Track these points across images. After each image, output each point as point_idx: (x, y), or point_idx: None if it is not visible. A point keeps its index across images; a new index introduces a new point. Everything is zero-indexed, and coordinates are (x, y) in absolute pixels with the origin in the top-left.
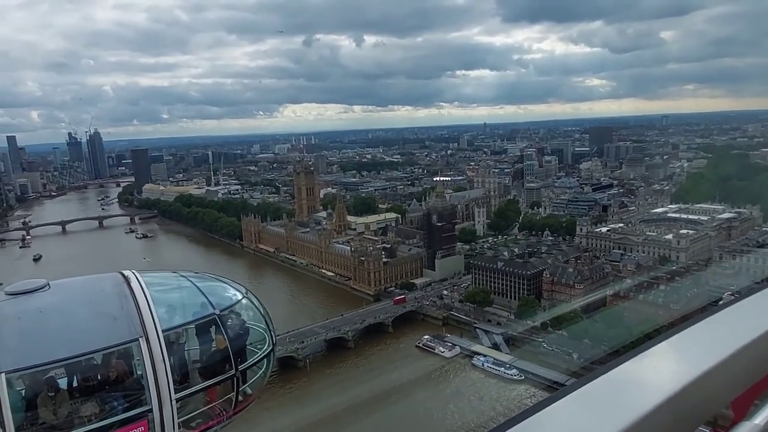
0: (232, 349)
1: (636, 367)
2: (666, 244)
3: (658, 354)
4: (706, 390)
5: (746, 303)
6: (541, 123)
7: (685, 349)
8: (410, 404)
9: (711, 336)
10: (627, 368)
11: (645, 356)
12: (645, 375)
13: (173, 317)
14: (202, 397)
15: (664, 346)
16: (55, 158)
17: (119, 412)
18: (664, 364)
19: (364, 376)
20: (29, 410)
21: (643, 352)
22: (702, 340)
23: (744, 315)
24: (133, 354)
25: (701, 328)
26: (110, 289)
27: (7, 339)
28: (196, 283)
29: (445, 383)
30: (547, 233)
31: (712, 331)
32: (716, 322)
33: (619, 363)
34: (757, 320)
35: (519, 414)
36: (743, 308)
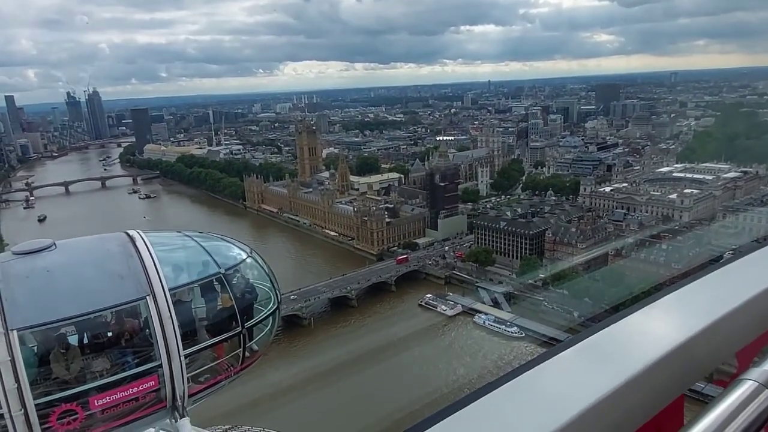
0: (237, 307)
1: (639, 321)
2: (670, 204)
3: (662, 307)
4: (711, 342)
5: (751, 258)
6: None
7: (689, 303)
8: (413, 359)
9: (716, 290)
10: (630, 321)
11: (648, 310)
12: (648, 328)
13: (179, 276)
14: (210, 354)
15: (669, 300)
16: (55, 118)
17: (129, 368)
18: (668, 317)
19: (368, 334)
20: (42, 366)
21: (647, 305)
22: (706, 294)
23: (748, 270)
24: (141, 312)
25: (706, 282)
26: (116, 248)
27: (16, 297)
28: (200, 242)
29: (447, 340)
30: (551, 193)
31: (717, 285)
32: (721, 277)
33: (623, 317)
34: (761, 274)
35: (522, 365)
36: (747, 263)
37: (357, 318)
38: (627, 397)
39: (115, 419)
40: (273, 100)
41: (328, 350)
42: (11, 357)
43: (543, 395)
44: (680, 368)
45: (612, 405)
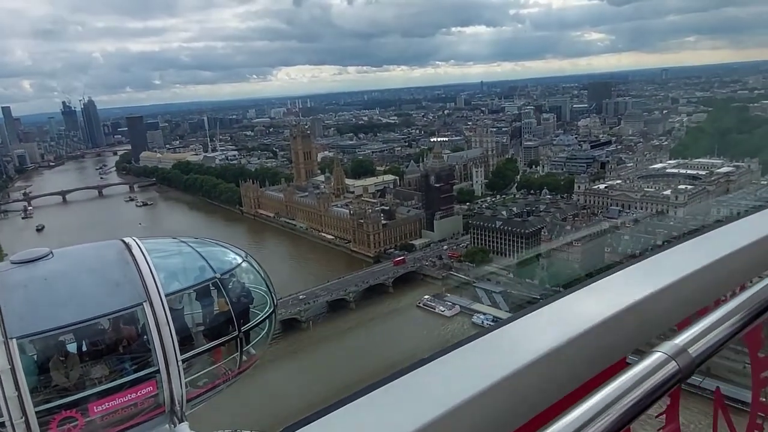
0: (234, 311)
1: (582, 296)
2: (664, 200)
3: (603, 286)
4: (643, 317)
5: (697, 241)
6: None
7: (627, 282)
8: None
9: (656, 269)
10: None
11: (591, 288)
12: (587, 303)
13: (175, 281)
14: (207, 358)
15: (609, 280)
16: (51, 128)
17: (128, 374)
18: (605, 294)
19: (366, 336)
20: (42, 373)
21: (591, 284)
22: (644, 274)
23: (693, 249)
24: (138, 318)
25: (648, 263)
26: (112, 256)
27: (15, 306)
28: (196, 248)
29: (445, 340)
30: (546, 191)
31: (656, 264)
32: (662, 258)
33: (567, 294)
34: (702, 255)
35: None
36: (692, 245)
37: (355, 320)
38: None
39: (114, 425)
40: (267, 106)
41: (326, 353)
42: (11, 365)
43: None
44: (608, 341)
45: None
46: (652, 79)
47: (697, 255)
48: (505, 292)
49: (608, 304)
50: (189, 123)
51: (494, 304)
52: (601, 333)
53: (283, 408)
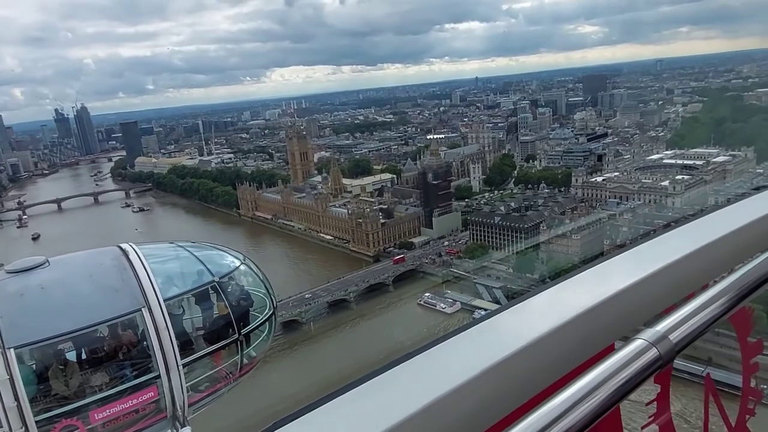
0: (233, 314)
1: (571, 285)
2: (662, 191)
3: (591, 275)
4: (630, 303)
5: (684, 228)
6: (533, 74)
7: (615, 270)
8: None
9: (643, 256)
10: (564, 286)
11: (580, 277)
12: (576, 292)
13: (173, 286)
14: (208, 362)
15: (598, 268)
16: (44, 136)
17: (128, 380)
18: (593, 282)
19: (367, 335)
20: (41, 382)
21: (579, 274)
22: (632, 262)
23: (678, 238)
24: (137, 324)
25: (636, 251)
26: (109, 262)
27: (12, 316)
28: (193, 252)
29: None
30: (543, 186)
31: (644, 252)
32: (650, 245)
33: (556, 283)
34: (689, 242)
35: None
36: (679, 233)
37: (356, 320)
38: (558, 341)
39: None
40: (262, 107)
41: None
42: (9, 375)
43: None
44: (591, 330)
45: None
46: (647, 70)
47: (684, 242)
48: (505, 287)
49: (596, 292)
50: (183, 127)
51: (495, 300)
52: (589, 320)
53: None
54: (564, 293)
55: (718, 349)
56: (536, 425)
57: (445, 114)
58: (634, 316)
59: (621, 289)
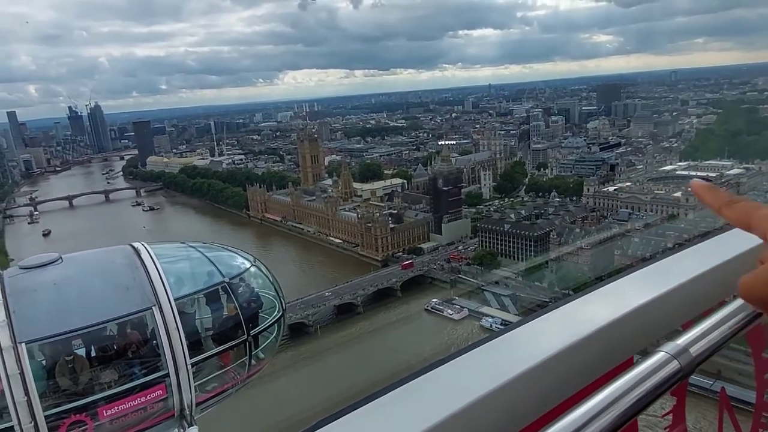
0: (243, 315)
1: (591, 300)
2: (674, 202)
3: (611, 290)
4: (649, 318)
5: (704, 244)
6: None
7: (635, 285)
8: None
9: (663, 272)
10: (584, 300)
11: (599, 292)
12: (596, 306)
13: (184, 286)
14: (216, 362)
15: (617, 284)
16: (57, 133)
17: (137, 378)
18: (613, 297)
19: (374, 340)
20: (51, 378)
21: (599, 288)
22: (652, 277)
23: (697, 254)
24: (147, 322)
25: (655, 267)
26: (121, 260)
27: (24, 311)
28: (204, 252)
29: (452, 342)
30: (554, 194)
31: (664, 268)
32: (669, 261)
33: (576, 297)
34: (708, 258)
35: (495, 332)
36: (699, 249)
37: (363, 324)
38: (577, 355)
39: (124, 429)
40: (274, 109)
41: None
42: (20, 370)
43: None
44: (611, 344)
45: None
46: (662, 80)
47: (703, 258)
48: (513, 296)
49: (616, 307)
50: (196, 127)
51: (503, 308)
52: (608, 334)
53: None
54: (583, 308)
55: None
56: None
57: (457, 120)
58: (652, 331)
59: (639, 305)
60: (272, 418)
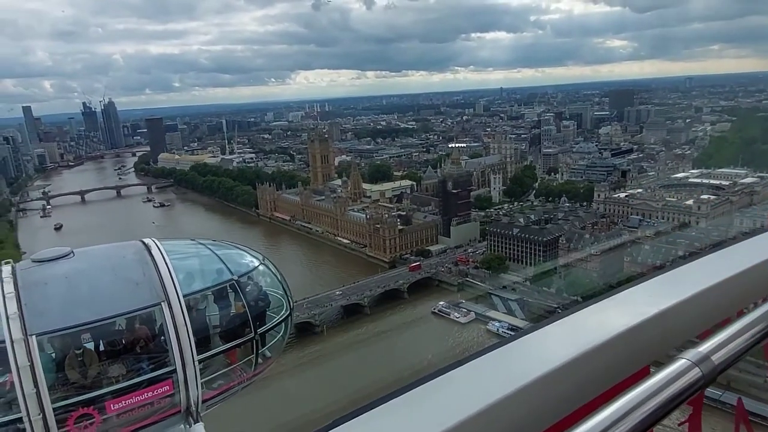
0: (250, 314)
1: (606, 306)
2: (686, 210)
3: (626, 297)
4: (666, 327)
5: (720, 254)
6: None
7: (650, 293)
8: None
9: (679, 280)
10: (600, 306)
11: (615, 299)
12: (612, 313)
13: (193, 283)
14: (223, 359)
15: (632, 291)
16: (71, 128)
17: (145, 373)
18: (629, 304)
19: (380, 342)
20: (60, 371)
21: (615, 295)
22: (668, 286)
23: (714, 263)
24: (156, 318)
25: (671, 275)
26: (132, 256)
27: (36, 304)
28: (214, 250)
29: (460, 347)
30: (564, 199)
31: (680, 276)
32: (685, 270)
33: (591, 303)
34: (725, 268)
35: (510, 337)
36: (715, 258)
37: (369, 325)
38: (596, 361)
39: (130, 423)
40: (285, 109)
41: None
42: (30, 362)
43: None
44: (642, 343)
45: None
46: (676, 87)
47: (719, 267)
48: (521, 300)
49: (632, 314)
50: (207, 125)
51: (510, 312)
52: (624, 342)
53: None
54: (598, 314)
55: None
56: None
57: (468, 123)
58: (669, 340)
59: (655, 313)
60: (274, 420)
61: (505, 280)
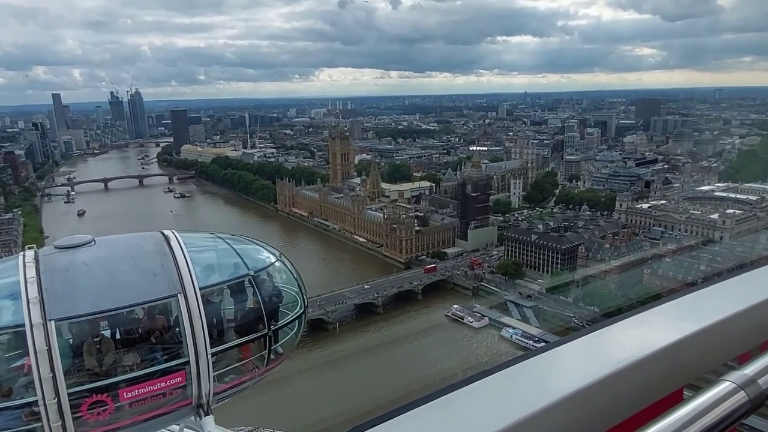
0: (264, 309)
1: (637, 323)
2: (710, 224)
3: (659, 314)
4: (701, 347)
5: (761, 271)
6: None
7: (685, 310)
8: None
9: (716, 298)
10: (630, 323)
11: (646, 315)
12: (643, 331)
13: (209, 276)
14: (236, 354)
15: (665, 307)
16: (98, 117)
17: (158, 363)
18: (661, 322)
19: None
20: (76, 357)
21: (645, 311)
22: (704, 303)
23: (755, 280)
24: (172, 309)
25: (708, 292)
26: (151, 246)
27: (56, 289)
28: (231, 244)
29: (473, 353)
30: (585, 208)
31: (717, 294)
32: (725, 287)
33: (621, 319)
34: (760, 288)
35: (530, 352)
36: (755, 275)
37: (382, 325)
38: (627, 381)
39: (142, 413)
40: (308, 106)
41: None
42: (48, 347)
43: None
44: (676, 363)
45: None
46: (705, 98)
47: (762, 285)
48: (536, 308)
49: (665, 333)
50: (230, 119)
51: (524, 319)
52: (657, 362)
53: None
54: (631, 331)
55: None
56: None
57: (490, 126)
58: (705, 360)
59: (693, 332)
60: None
61: (521, 287)
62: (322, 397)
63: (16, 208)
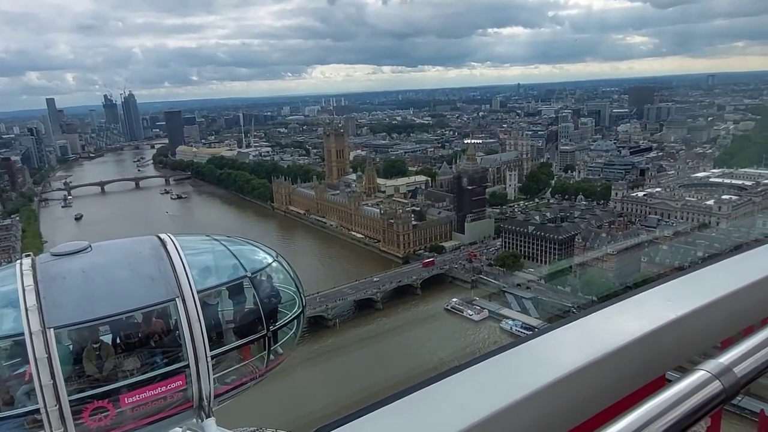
0: (263, 310)
1: (621, 310)
2: (706, 210)
3: (642, 301)
4: (684, 333)
5: (744, 256)
6: (577, 83)
7: (668, 297)
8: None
9: (698, 284)
10: (614, 310)
11: (630, 302)
12: (626, 317)
13: (207, 279)
14: (236, 355)
15: (649, 294)
16: (92, 120)
17: (158, 367)
18: (645, 309)
19: (392, 337)
20: (77, 363)
21: (630, 298)
22: (687, 289)
23: (737, 266)
24: (170, 313)
25: (690, 278)
26: (147, 251)
27: (54, 297)
28: (228, 246)
29: (473, 344)
30: (581, 198)
31: (699, 280)
32: (705, 273)
33: (605, 306)
34: (749, 271)
35: (519, 339)
36: (738, 261)
37: (382, 320)
38: (609, 368)
39: (143, 417)
40: (301, 103)
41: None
42: (48, 354)
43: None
44: (659, 350)
45: (588, 377)
46: (698, 84)
47: (743, 271)
48: (535, 299)
49: (648, 319)
50: (225, 119)
51: (524, 311)
52: (640, 348)
53: None
54: (612, 319)
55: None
56: None
57: (484, 119)
58: (687, 348)
59: (675, 318)
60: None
61: (520, 278)
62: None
63: (14, 214)
